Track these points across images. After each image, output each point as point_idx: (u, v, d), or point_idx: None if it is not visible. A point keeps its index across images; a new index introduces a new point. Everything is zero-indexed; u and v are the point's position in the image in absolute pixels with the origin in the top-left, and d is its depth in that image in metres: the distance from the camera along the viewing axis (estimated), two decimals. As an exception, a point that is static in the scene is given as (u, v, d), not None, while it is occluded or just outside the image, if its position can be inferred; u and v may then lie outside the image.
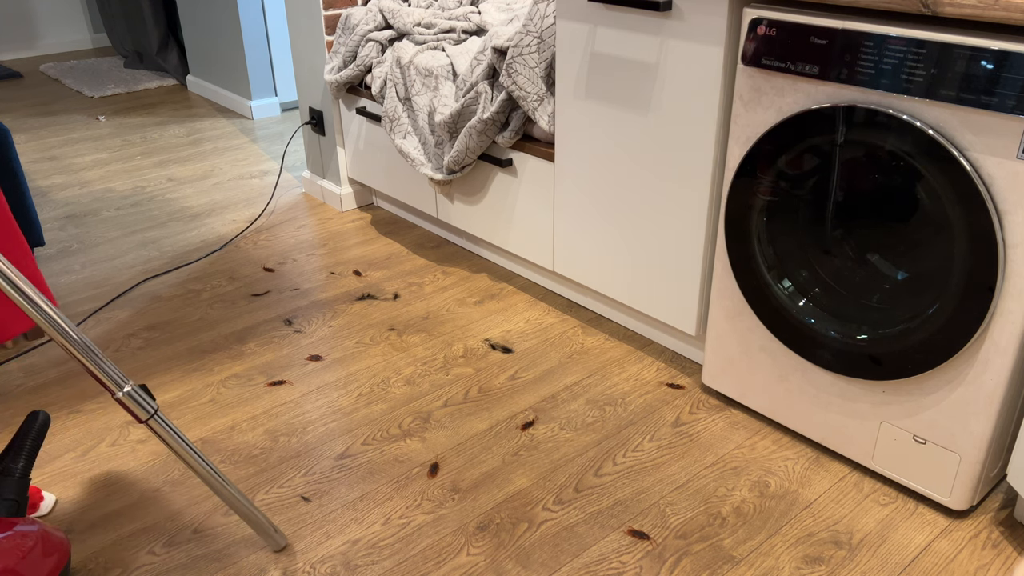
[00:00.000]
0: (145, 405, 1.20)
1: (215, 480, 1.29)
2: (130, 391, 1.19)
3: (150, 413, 1.21)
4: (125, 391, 1.19)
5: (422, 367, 1.90)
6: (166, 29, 4.31)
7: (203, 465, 1.27)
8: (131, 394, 1.19)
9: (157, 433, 1.22)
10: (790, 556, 1.37)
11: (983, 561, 1.36)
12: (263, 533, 1.37)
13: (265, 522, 1.36)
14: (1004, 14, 1.13)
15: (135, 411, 1.20)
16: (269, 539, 1.38)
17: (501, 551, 1.39)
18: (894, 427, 1.46)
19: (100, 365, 1.17)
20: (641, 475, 1.56)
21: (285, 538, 1.41)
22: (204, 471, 1.27)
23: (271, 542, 1.38)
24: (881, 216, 1.36)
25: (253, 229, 2.62)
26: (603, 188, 1.85)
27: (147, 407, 1.21)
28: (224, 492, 1.30)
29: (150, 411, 1.21)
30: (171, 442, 1.24)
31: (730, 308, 1.64)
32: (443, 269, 2.35)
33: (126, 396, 1.19)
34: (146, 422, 1.21)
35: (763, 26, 1.39)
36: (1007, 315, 1.25)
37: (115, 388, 1.18)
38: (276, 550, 1.39)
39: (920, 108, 1.25)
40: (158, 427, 1.22)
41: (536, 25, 1.86)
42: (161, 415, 1.22)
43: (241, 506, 1.32)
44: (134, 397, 1.19)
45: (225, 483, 1.30)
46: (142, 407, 1.20)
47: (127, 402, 1.19)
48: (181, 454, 1.25)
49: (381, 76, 2.31)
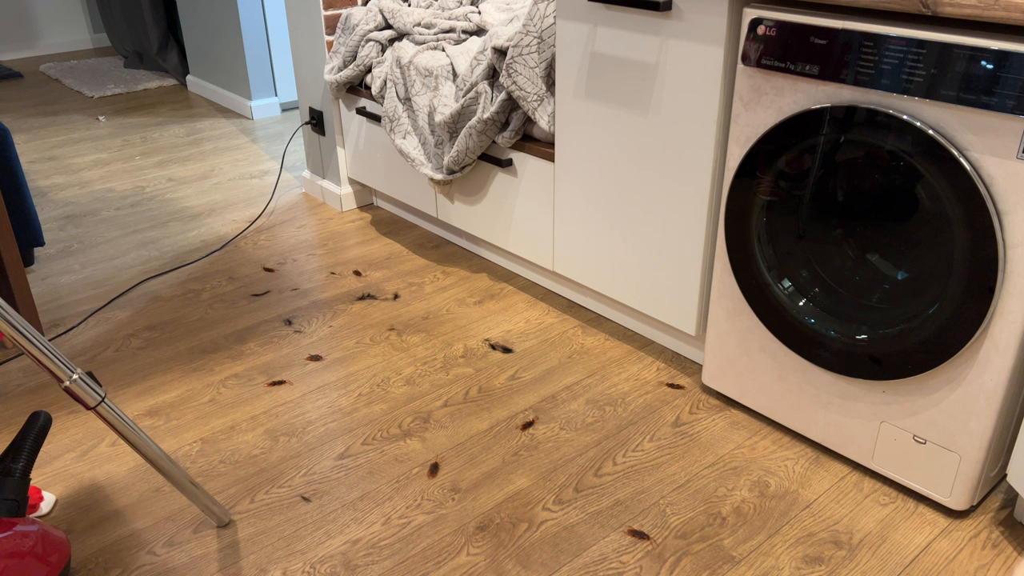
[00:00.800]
0: (92, 392, 1.22)
1: (164, 463, 1.32)
2: (78, 379, 1.20)
3: (98, 400, 1.23)
4: (74, 379, 1.20)
5: (422, 367, 1.90)
6: (166, 29, 4.31)
7: (152, 448, 1.30)
8: (79, 382, 1.20)
9: (106, 419, 1.24)
10: (790, 556, 1.37)
11: (983, 561, 1.36)
12: (208, 511, 1.42)
13: (209, 501, 1.41)
14: (1004, 14, 1.13)
15: (83, 398, 1.21)
16: (214, 516, 1.43)
17: (501, 551, 1.39)
18: (894, 427, 1.46)
19: (48, 354, 1.18)
20: (641, 475, 1.56)
21: (228, 514, 1.46)
22: (153, 454, 1.30)
23: (215, 518, 1.44)
24: (881, 216, 1.36)
25: (253, 229, 2.62)
26: (603, 188, 1.85)
27: (95, 394, 1.22)
28: (172, 473, 1.33)
29: (98, 398, 1.23)
30: (120, 427, 1.26)
31: (730, 308, 1.64)
32: (443, 269, 2.35)
33: (75, 384, 1.20)
34: (95, 408, 1.22)
35: (763, 26, 1.39)
36: (1007, 315, 1.25)
37: (64, 377, 1.19)
38: (220, 525, 1.45)
39: (920, 108, 1.25)
40: (107, 413, 1.24)
41: (536, 25, 1.86)
42: (109, 401, 1.24)
43: (189, 490, 1.37)
44: (82, 385, 1.21)
45: (173, 466, 1.33)
46: (90, 394, 1.22)
47: (75, 390, 1.20)
48: (130, 438, 1.27)
49: (381, 76, 2.31)
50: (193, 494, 1.38)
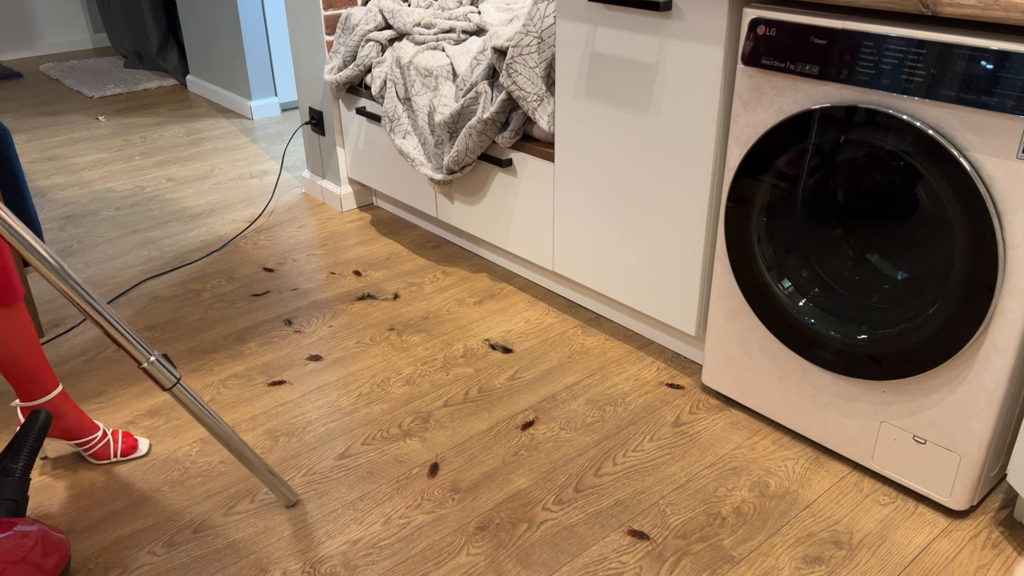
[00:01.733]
0: (169, 373, 1.28)
1: (236, 443, 1.37)
2: (156, 360, 1.27)
3: (174, 381, 1.29)
4: (151, 361, 1.27)
5: (422, 367, 1.90)
6: (166, 29, 4.31)
7: (224, 429, 1.36)
8: (156, 363, 1.27)
9: (180, 400, 1.30)
10: (790, 556, 1.37)
11: (983, 561, 1.36)
12: (278, 492, 1.47)
13: (280, 483, 1.46)
14: (1004, 14, 1.13)
15: (160, 379, 1.27)
16: (283, 497, 1.48)
17: (501, 551, 1.39)
18: (894, 427, 1.46)
19: (128, 337, 1.25)
20: (641, 475, 1.56)
21: (296, 496, 1.50)
22: (225, 434, 1.36)
23: (283, 498, 1.48)
24: (881, 216, 1.36)
25: (253, 229, 2.62)
26: (603, 188, 1.85)
27: (171, 375, 1.28)
28: (244, 453, 1.39)
29: (174, 379, 1.29)
30: (194, 408, 1.32)
31: (730, 308, 1.64)
32: (443, 269, 2.35)
33: (152, 366, 1.27)
34: (170, 389, 1.29)
35: (763, 26, 1.39)
36: (1007, 315, 1.25)
37: (142, 358, 1.26)
38: (288, 505, 1.49)
39: (920, 108, 1.25)
40: (181, 394, 1.30)
41: (536, 25, 1.86)
42: (184, 383, 1.31)
43: (259, 470, 1.42)
44: (159, 366, 1.28)
45: (244, 446, 1.38)
46: (166, 376, 1.28)
47: (152, 371, 1.27)
48: (204, 419, 1.33)
49: (381, 76, 2.31)
50: (264, 475, 1.43)
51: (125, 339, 1.25)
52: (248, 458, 1.40)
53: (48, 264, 1.17)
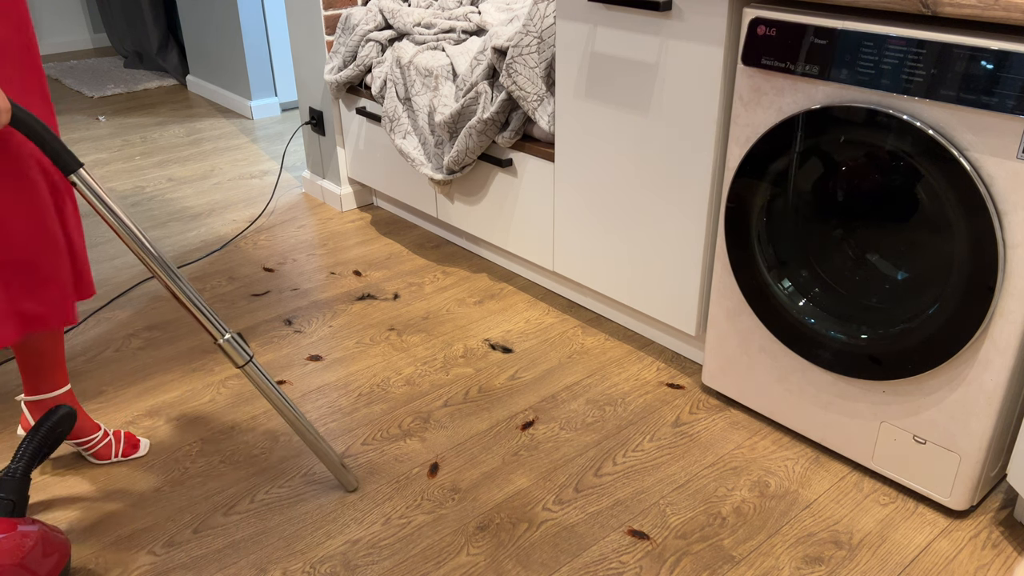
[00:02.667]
0: (242, 352, 1.32)
1: (300, 424, 1.41)
2: (230, 338, 1.31)
3: (247, 359, 1.33)
4: (226, 338, 1.31)
5: (422, 367, 1.90)
6: (166, 29, 4.31)
7: (290, 409, 1.40)
8: (231, 341, 1.31)
9: (252, 378, 1.35)
10: (790, 556, 1.37)
11: (983, 561, 1.36)
12: (339, 475, 1.50)
13: (341, 465, 1.49)
14: (1004, 14, 1.13)
15: (234, 357, 1.31)
16: (345, 480, 1.50)
17: (501, 551, 1.39)
18: (894, 427, 1.46)
19: (206, 314, 1.30)
20: (641, 475, 1.56)
21: (358, 481, 1.53)
22: (291, 415, 1.40)
23: (347, 483, 1.51)
24: (881, 216, 1.36)
25: (253, 229, 2.62)
26: (603, 188, 1.85)
27: (244, 353, 1.32)
28: (307, 436, 1.43)
29: (247, 357, 1.33)
30: (264, 388, 1.36)
31: (730, 308, 1.64)
32: (443, 269, 2.35)
33: (227, 343, 1.31)
34: (243, 367, 1.33)
35: (763, 26, 1.39)
36: (1007, 315, 1.25)
37: (217, 335, 1.30)
38: (350, 490, 1.51)
39: (920, 108, 1.25)
40: (253, 373, 1.34)
41: (536, 25, 1.86)
42: (256, 362, 1.35)
43: (324, 453, 1.45)
44: (234, 344, 1.31)
45: (308, 428, 1.43)
46: (240, 354, 1.32)
47: (227, 348, 1.31)
48: (273, 399, 1.37)
49: (381, 76, 2.31)
50: (328, 458, 1.46)
51: (203, 315, 1.29)
52: (315, 443, 1.43)
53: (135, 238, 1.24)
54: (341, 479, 1.50)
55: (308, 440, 1.44)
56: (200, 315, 1.29)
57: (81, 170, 1.20)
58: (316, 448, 1.45)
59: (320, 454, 1.46)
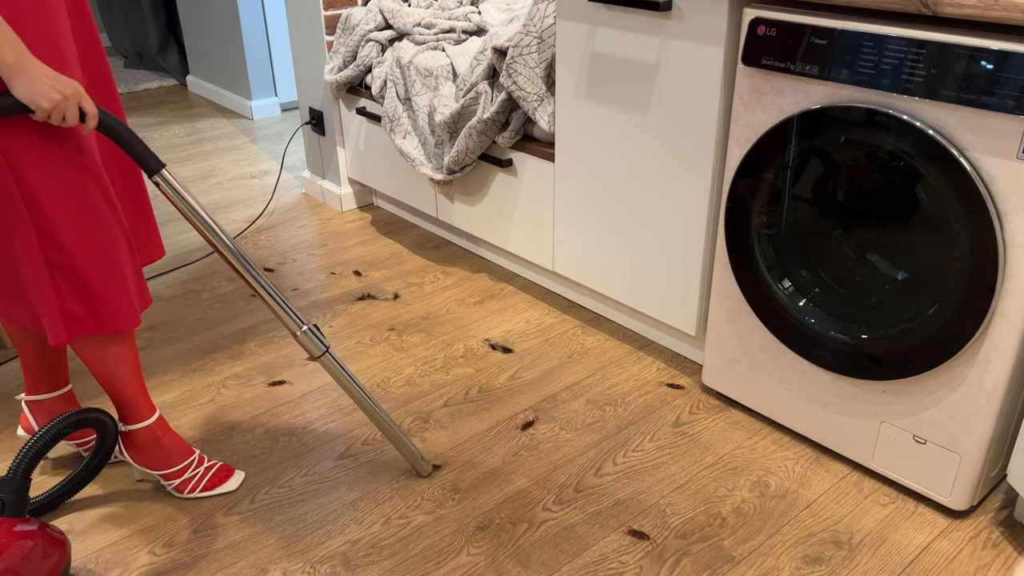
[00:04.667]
0: (319, 343, 1.35)
1: (376, 414, 1.45)
2: (308, 330, 1.35)
3: (323, 350, 1.36)
4: (304, 330, 1.34)
5: (422, 367, 1.90)
6: (166, 29, 4.31)
7: (367, 400, 1.43)
8: (308, 332, 1.35)
9: (328, 368, 1.38)
10: (790, 556, 1.37)
11: (983, 561, 1.36)
12: (414, 461, 1.53)
13: (416, 452, 1.52)
14: (1004, 14, 1.13)
15: (310, 349, 1.35)
16: (419, 466, 1.54)
17: (501, 551, 1.39)
18: (894, 427, 1.46)
19: (284, 307, 1.34)
20: (641, 475, 1.56)
21: (431, 465, 1.56)
22: (367, 405, 1.44)
23: (421, 468, 1.54)
24: (881, 216, 1.36)
25: (253, 229, 2.62)
26: (603, 188, 1.85)
27: (321, 344, 1.36)
28: (384, 424, 1.46)
29: (323, 349, 1.36)
30: (341, 378, 1.39)
31: (730, 308, 1.64)
32: (443, 269, 2.35)
33: (304, 335, 1.34)
34: (318, 359, 1.36)
35: (763, 26, 1.39)
36: (1007, 315, 1.25)
37: (295, 328, 1.34)
38: (424, 475, 1.55)
39: (920, 108, 1.25)
40: (329, 363, 1.38)
41: (536, 25, 1.86)
42: (332, 353, 1.38)
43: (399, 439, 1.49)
44: (311, 336, 1.35)
45: (385, 417, 1.46)
46: (317, 345, 1.35)
47: (304, 340, 1.34)
48: (350, 389, 1.41)
49: (381, 76, 2.31)
50: (403, 446, 1.50)
51: (282, 309, 1.33)
52: (390, 431, 1.47)
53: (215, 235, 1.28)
54: (417, 466, 1.54)
55: (385, 429, 1.47)
56: (279, 308, 1.34)
57: (164, 171, 1.25)
58: (393, 437, 1.48)
59: (396, 442, 1.49)
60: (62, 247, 1.23)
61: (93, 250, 1.25)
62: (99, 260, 1.26)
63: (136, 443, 1.45)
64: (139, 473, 1.51)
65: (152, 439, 1.45)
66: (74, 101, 1.12)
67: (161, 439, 1.46)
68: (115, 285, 1.29)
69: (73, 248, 1.23)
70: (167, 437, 1.47)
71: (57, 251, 1.23)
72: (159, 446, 1.46)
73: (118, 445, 1.48)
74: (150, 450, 1.46)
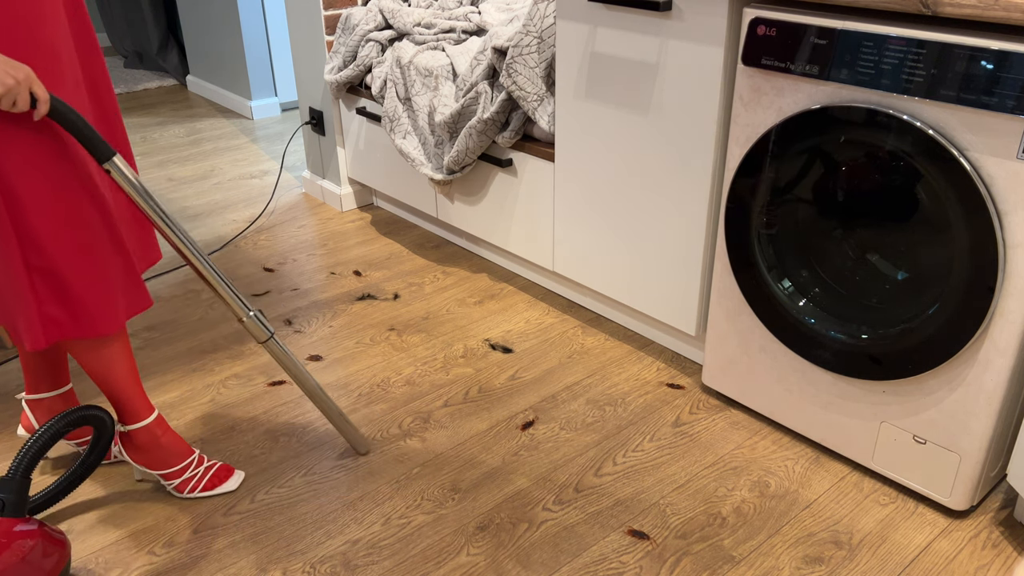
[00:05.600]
0: (264, 328, 1.41)
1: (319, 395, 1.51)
2: (254, 315, 1.40)
3: (268, 336, 1.42)
4: (251, 315, 1.39)
5: (422, 367, 1.90)
6: (166, 29, 4.31)
7: (311, 382, 1.49)
8: (255, 318, 1.39)
9: (274, 353, 1.43)
10: (790, 556, 1.37)
11: (983, 561, 1.36)
12: (355, 442, 1.60)
13: (358, 434, 1.60)
14: (1004, 14, 1.13)
15: (256, 333, 1.40)
16: (359, 445, 1.61)
17: (501, 551, 1.39)
18: (894, 427, 1.46)
19: (231, 293, 1.38)
20: (641, 475, 1.56)
21: (369, 445, 1.63)
22: (311, 387, 1.49)
23: (360, 447, 1.61)
24: (881, 216, 1.36)
25: (253, 229, 2.62)
26: (603, 188, 1.85)
27: (266, 330, 1.41)
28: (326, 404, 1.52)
29: (268, 334, 1.41)
30: (286, 362, 1.45)
31: (730, 308, 1.64)
32: (443, 269, 2.35)
33: (251, 320, 1.39)
34: (264, 343, 1.41)
35: (763, 26, 1.39)
36: (1007, 315, 1.25)
37: (242, 313, 1.39)
38: (362, 452, 1.61)
39: (920, 108, 1.25)
40: (274, 348, 1.43)
41: (536, 25, 1.86)
42: (276, 338, 1.43)
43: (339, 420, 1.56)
44: (257, 321, 1.40)
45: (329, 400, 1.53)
46: (262, 331, 1.41)
47: (250, 325, 1.39)
48: (293, 372, 1.46)
49: (381, 76, 2.31)
50: (342, 426, 1.57)
51: (230, 294, 1.37)
52: (330, 411, 1.53)
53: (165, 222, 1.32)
54: (356, 445, 1.60)
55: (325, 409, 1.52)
56: (227, 295, 1.37)
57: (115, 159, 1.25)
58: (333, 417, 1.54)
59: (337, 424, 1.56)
60: (42, 249, 1.21)
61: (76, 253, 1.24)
62: (81, 263, 1.25)
63: (135, 443, 1.45)
64: (139, 473, 1.51)
65: (151, 439, 1.45)
66: (25, 86, 1.10)
67: (160, 439, 1.46)
68: (97, 289, 1.28)
69: (54, 250, 1.22)
70: (166, 437, 1.47)
71: (37, 253, 1.21)
72: (158, 446, 1.46)
73: (118, 445, 1.48)
74: (149, 450, 1.46)
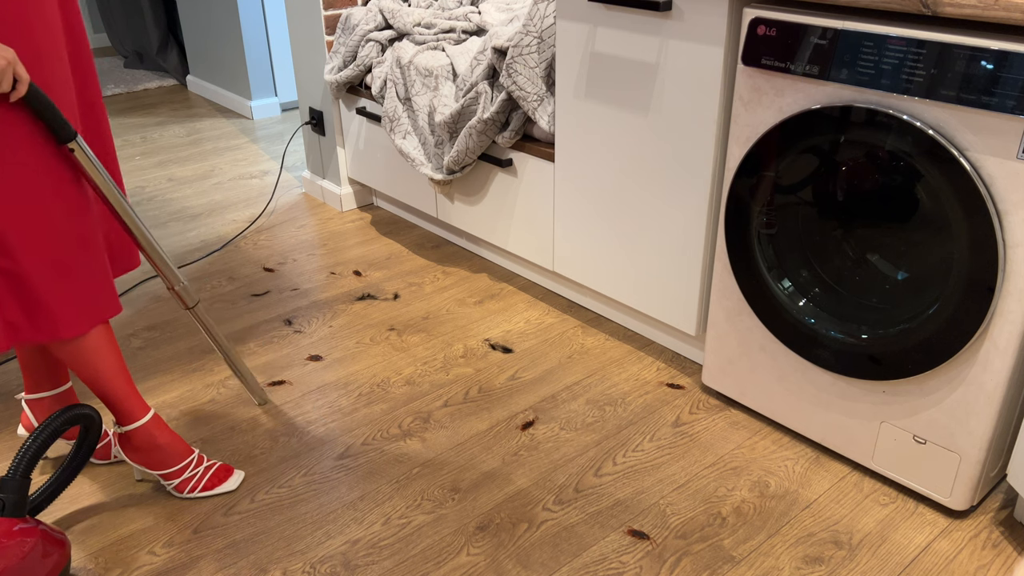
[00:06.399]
0: (192, 297, 1.56)
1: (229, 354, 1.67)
2: (184, 285, 1.54)
3: (195, 303, 1.56)
4: (182, 284, 1.53)
5: (422, 367, 1.90)
6: (166, 29, 4.31)
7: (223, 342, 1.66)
8: (184, 288, 1.54)
9: (199, 319, 1.59)
10: (790, 556, 1.37)
11: (983, 561, 1.36)
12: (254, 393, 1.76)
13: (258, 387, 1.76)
14: (1004, 14, 1.13)
15: (185, 300, 1.55)
16: (256, 395, 1.76)
17: (501, 551, 1.39)
18: (894, 427, 1.46)
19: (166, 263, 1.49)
20: (641, 475, 1.56)
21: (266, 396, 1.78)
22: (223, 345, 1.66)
23: (259, 398, 1.77)
24: (881, 216, 1.36)
25: (253, 229, 2.62)
26: (603, 188, 1.85)
27: (192, 298, 1.56)
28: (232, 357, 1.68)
29: (195, 301, 1.57)
30: (209, 326, 1.61)
31: (730, 308, 1.64)
32: (443, 269, 2.35)
33: (181, 289, 1.53)
34: (191, 308, 1.56)
35: (763, 26, 1.39)
36: (1007, 315, 1.25)
37: (174, 282, 1.52)
38: (260, 403, 1.77)
39: (920, 108, 1.25)
40: (200, 314, 1.59)
41: (536, 25, 1.86)
42: (200, 307, 1.58)
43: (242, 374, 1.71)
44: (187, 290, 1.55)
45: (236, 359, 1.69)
46: (189, 299, 1.55)
47: (180, 293, 1.54)
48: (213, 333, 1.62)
49: (381, 76, 2.31)
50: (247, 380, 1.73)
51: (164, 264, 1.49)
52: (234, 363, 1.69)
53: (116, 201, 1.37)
54: (254, 395, 1.76)
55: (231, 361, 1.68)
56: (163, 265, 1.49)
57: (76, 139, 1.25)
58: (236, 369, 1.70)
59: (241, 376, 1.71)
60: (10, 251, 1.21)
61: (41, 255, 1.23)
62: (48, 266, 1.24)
63: (132, 444, 1.45)
64: (139, 473, 1.51)
65: (148, 439, 1.45)
66: (9, 70, 1.11)
67: (157, 439, 1.46)
68: (62, 292, 1.27)
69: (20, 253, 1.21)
70: (164, 437, 1.47)
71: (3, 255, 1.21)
72: (156, 446, 1.46)
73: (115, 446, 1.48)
74: (147, 450, 1.46)
